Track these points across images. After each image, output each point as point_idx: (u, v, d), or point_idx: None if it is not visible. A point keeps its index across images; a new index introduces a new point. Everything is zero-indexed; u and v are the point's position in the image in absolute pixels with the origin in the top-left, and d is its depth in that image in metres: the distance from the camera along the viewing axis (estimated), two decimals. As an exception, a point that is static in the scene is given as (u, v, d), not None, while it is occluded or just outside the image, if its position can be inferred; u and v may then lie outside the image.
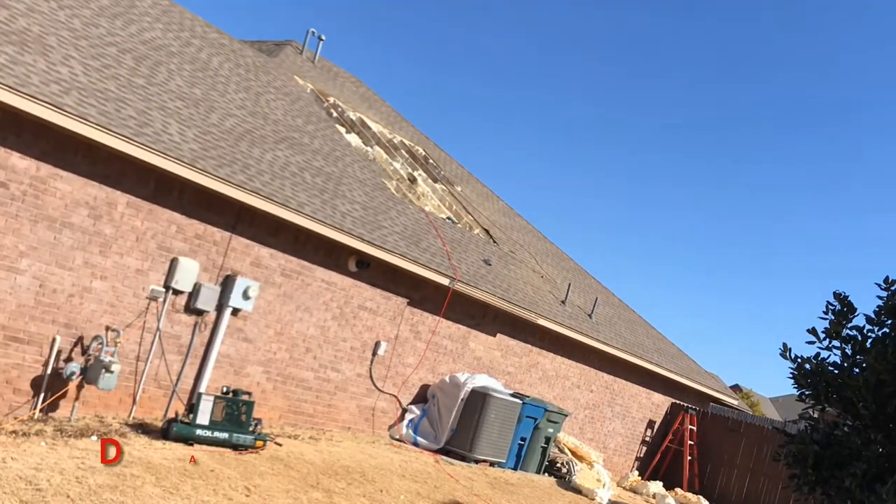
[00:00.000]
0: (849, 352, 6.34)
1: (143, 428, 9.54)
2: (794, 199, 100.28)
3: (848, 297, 6.41)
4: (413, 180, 16.93)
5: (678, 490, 17.82)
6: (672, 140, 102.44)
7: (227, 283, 10.60)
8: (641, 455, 19.98)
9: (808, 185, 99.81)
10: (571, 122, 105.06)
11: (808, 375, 6.43)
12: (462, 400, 13.48)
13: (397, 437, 13.39)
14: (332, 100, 17.16)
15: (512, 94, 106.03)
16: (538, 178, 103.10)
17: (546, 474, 14.77)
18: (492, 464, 13.63)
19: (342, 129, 16.25)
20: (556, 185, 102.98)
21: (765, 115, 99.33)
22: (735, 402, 22.60)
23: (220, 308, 10.62)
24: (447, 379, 13.87)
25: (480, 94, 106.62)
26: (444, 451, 13.34)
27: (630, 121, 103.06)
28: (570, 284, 18.20)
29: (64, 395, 9.20)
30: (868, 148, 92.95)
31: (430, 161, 19.18)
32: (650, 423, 20.03)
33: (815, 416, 6.74)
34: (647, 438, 20.04)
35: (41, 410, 9.05)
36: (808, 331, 6.44)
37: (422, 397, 13.96)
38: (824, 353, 6.47)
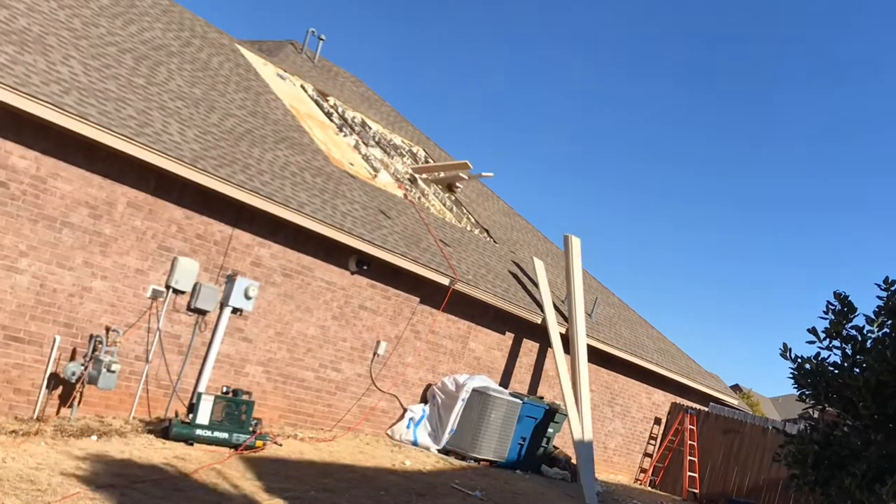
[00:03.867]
0: (849, 352, 6.33)
1: (143, 428, 9.54)
2: (794, 199, 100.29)
3: (848, 296, 6.40)
4: (413, 180, 16.92)
5: None
6: (674, 140, 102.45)
7: (227, 283, 10.60)
8: (642, 455, 19.98)
9: (808, 184, 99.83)
10: (572, 123, 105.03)
11: (808, 375, 6.41)
12: (462, 401, 13.48)
13: (397, 437, 13.39)
14: (332, 100, 17.15)
15: (513, 96, 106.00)
16: (539, 179, 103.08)
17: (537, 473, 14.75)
18: (492, 463, 13.62)
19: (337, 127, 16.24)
20: (556, 186, 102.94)
21: (766, 116, 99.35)
22: (735, 402, 22.59)
23: (220, 308, 10.62)
24: (448, 380, 13.87)
25: (481, 95, 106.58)
26: (444, 451, 13.34)
27: (632, 122, 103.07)
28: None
29: (66, 396, 9.20)
30: (869, 148, 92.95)
31: (430, 161, 19.18)
32: (650, 423, 20.03)
33: (815, 416, 6.73)
34: (648, 438, 20.03)
35: (41, 410, 9.05)
36: (808, 330, 6.42)
37: (422, 397, 13.96)
38: (824, 353, 6.46)
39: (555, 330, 15.35)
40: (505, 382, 15.46)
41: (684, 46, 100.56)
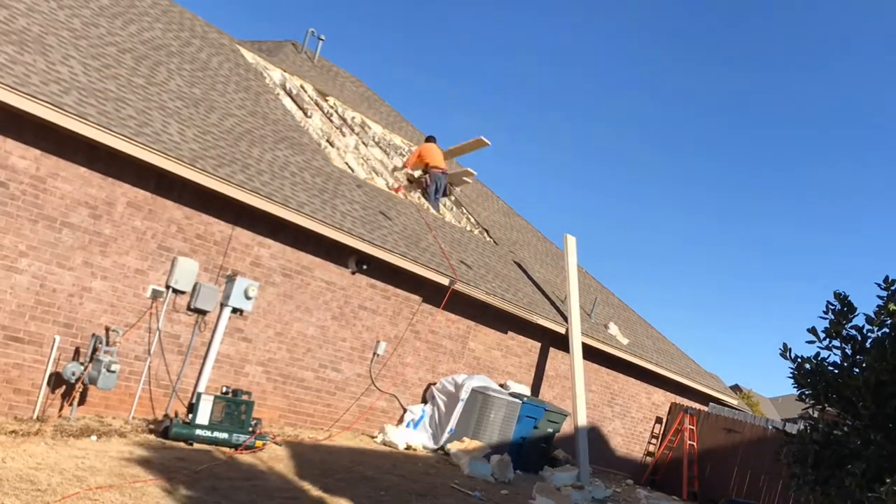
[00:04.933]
0: (849, 352, 6.33)
1: (142, 428, 9.54)
2: (795, 199, 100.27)
3: (848, 296, 6.39)
4: (413, 181, 16.91)
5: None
6: (674, 140, 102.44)
7: (227, 283, 10.60)
8: (642, 455, 19.98)
9: (809, 185, 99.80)
10: (571, 121, 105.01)
11: (808, 375, 6.41)
12: (462, 401, 13.49)
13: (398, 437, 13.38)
14: (331, 100, 17.15)
15: (511, 94, 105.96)
16: (538, 177, 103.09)
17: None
18: (491, 464, 13.61)
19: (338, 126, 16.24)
20: (555, 185, 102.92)
21: (767, 116, 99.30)
22: (735, 402, 22.59)
23: (220, 308, 10.62)
24: (447, 380, 13.87)
25: (479, 94, 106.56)
26: (444, 452, 13.33)
27: (632, 120, 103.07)
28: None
29: (66, 396, 9.20)
30: (870, 147, 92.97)
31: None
32: (650, 423, 20.03)
33: (815, 415, 6.74)
34: (648, 438, 20.03)
35: (41, 410, 9.05)
36: (808, 330, 6.42)
37: (421, 397, 13.96)
38: (824, 353, 6.46)
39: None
40: (504, 382, 15.46)
41: (690, 35, 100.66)
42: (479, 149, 17.93)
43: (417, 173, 16.69)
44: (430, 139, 17.18)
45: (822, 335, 6.45)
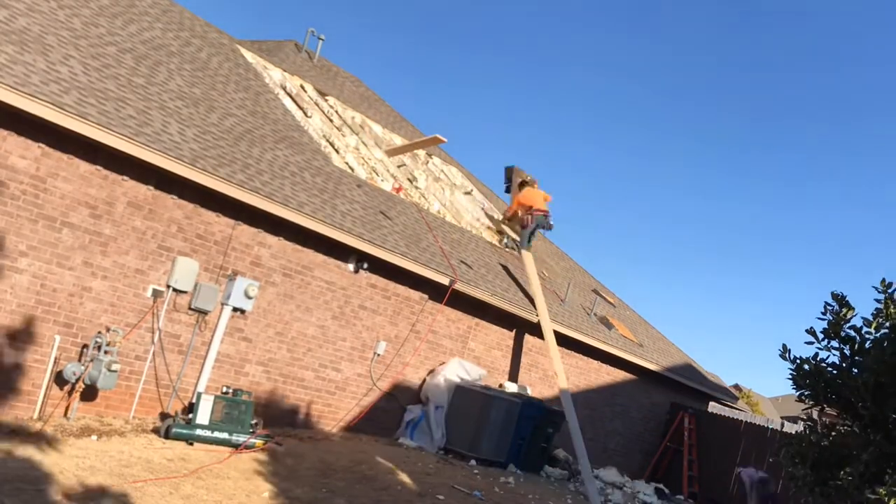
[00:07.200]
0: (847, 353, 6.35)
1: (143, 427, 9.55)
2: (796, 199, 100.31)
3: (846, 297, 6.42)
4: (413, 180, 16.93)
5: None
6: (674, 140, 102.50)
7: (227, 283, 10.61)
8: (642, 455, 19.98)
9: (810, 185, 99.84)
10: (571, 120, 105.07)
11: (807, 376, 6.44)
12: (450, 392, 13.47)
13: (397, 437, 13.39)
14: (331, 100, 17.15)
15: (510, 92, 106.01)
16: (538, 176, 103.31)
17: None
18: (491, 463, 13.61)
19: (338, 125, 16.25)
20: (555, 185, 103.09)
21: (769, 116, 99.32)
22: (735, 402, 22.60)
23: (220, 307, 10.63)
24: (435, 377, 13.80)
25: (479, 91, 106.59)
26: (444, 451, 13.34)
27: (633, 120, 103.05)
28: (569, 283, 18.19)
29: (66, 395, 9.21)
30: (872, 148, 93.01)
31: (431, 161, 19.18)
32: (649, 423, 20.03)
33: (815, 416, 6.76)
34: (647, 438, 20.03)
35: (41, 410, 9.06)
36: (806, 331, 6.45)
37: (422, 398, 13.96)
38: (823, 354, 6.48)
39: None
40: (502, 382, 15.46)
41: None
42: (435, 145, 17.97)
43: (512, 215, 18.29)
44: (531, 182, 18.21)
45: (820, 336, 6.47)
